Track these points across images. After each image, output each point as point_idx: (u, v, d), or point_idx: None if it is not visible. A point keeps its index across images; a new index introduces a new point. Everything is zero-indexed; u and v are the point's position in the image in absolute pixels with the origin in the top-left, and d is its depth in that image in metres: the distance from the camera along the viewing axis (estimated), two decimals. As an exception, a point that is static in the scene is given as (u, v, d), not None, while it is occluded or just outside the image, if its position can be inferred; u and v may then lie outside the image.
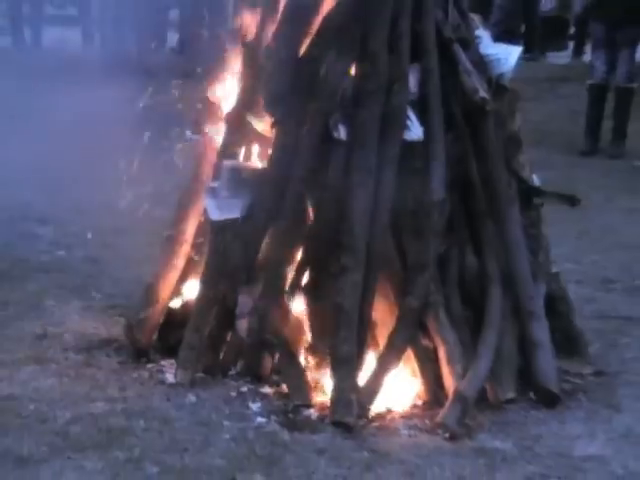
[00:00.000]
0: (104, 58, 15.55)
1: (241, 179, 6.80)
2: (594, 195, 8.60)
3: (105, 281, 8.06)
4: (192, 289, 7.00)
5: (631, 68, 12.55)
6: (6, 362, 6.86)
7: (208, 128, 7.11)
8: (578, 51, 17.49)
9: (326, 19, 6.73)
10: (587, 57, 14.11)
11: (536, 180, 7.18)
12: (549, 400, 6.59)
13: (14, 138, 11.91)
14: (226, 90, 7.11)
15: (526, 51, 14.35)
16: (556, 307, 7.09)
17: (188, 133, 7.24)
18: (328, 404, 6.33)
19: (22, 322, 7.45)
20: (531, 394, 6.65)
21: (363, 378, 6.42)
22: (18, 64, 15.67)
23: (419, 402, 6.52)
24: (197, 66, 7.57)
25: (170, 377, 6.71)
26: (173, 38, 18.45)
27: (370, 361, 6.50)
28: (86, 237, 9.11)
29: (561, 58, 16.15)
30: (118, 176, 9.85)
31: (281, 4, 6.95)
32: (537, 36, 17.66)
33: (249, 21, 7.11)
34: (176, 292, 7.08)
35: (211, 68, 7.23)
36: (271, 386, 6.58)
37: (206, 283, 6.87)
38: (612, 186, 11.13)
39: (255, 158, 6.97)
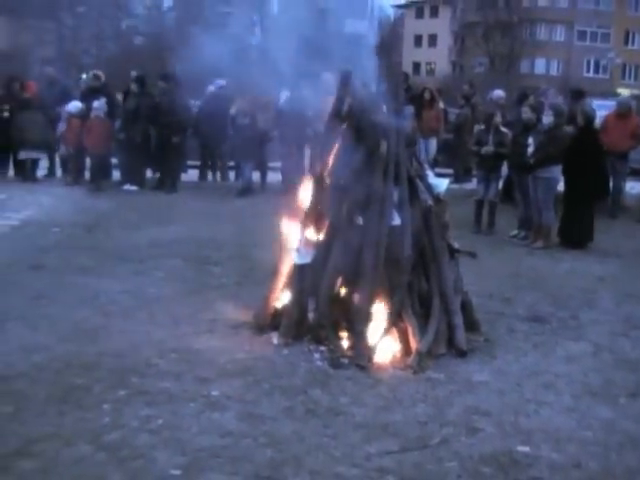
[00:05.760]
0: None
1: (310, 244, 6.85)
2: (483, 253, 8.57)
3: (244, 293, 8.05)
4: (286, 297, 6.99)
5: (496, 191, 12.51)
6: (194, 333, 6.89)
7: (295, 220, 7.13)
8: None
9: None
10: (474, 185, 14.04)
11: (456, 244, 7.17)
12: (461, 354, 6.58)
13: (213, 226, 11.93)
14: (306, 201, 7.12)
15: (454, 181, 14.32)
16: (465, 307, 7.05)
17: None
18: (353, 355, 6.35)
19: (205, 313, 7.46)
20: (453, 351, 6.61)
21: (370, 342, 6.44)
22: (208, 190, 15.70)
23: (398, 354, 6.50)
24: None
25: (275, 341, 6.71)
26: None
27: (374, 335, 6.50)
28: (236, 272, 9.10)
29: (470, 185, 16.02)
30: (256, 242, 9.89)
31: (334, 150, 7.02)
32: (461, 173, 17.67)
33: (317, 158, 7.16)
34: (279, 298, 7.07)
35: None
36: (325, 346, 6.56)
37: (293, 294, 6.89)
38: (491, 249, 11.03)
39: (317, 233, 6.97)
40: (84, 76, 17.88)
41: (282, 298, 7.06)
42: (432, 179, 7.18)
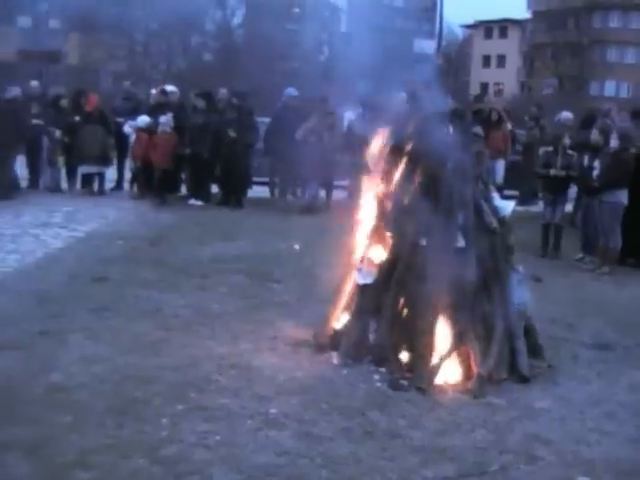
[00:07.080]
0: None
1: (373, 264, 6.82)
2: (547, 276, 8.43)
3: (305, 311, 8.02)
4: (347, 317, 6.96)
5: (562, 215, 12.44)
6: (254, 350, 6.88)
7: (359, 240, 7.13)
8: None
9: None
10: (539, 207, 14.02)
11: (520, 268, 7.07)
12: (523, 379, 6.47)
13: (276, 243, 12.00)
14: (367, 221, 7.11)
15: (520, 203, 14.16)
16: (528, 332, 6.92)
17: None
18: (413, 377, 6.29)
19: (266, 330, 7.46)
20: (514, 376, 6.51)
21: (431, 364, 6.37)
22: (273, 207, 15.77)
23: (459, 378, 6.43)
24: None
25: (335, 361, 6.67)
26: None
27: (435, 357, 6.43)
28: (297, 289, 9.09)
29: (535, 207, 15.88)
30: (319, 260, 9.86)
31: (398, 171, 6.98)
32: (528, 195, 17.38)
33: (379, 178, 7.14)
34: (340, 318, 7.04)
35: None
36: (385, 367, 6.48)
37: (354, 314, 6.86)
38: (556, 273, 10.88)
39: (380, 253, 6.93)
40: (153, 91, 18.15)
41: (343, 318, 7.02)
42: (498, 201, 7.10)
